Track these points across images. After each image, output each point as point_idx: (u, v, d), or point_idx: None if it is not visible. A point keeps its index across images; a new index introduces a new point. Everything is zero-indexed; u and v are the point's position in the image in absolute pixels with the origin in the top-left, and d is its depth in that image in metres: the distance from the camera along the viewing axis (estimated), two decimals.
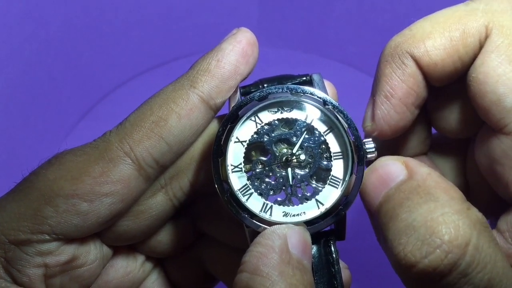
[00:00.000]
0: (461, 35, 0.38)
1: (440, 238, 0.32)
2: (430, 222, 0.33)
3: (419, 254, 0.33)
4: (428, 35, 0.39)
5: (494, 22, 0.37)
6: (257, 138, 0.40)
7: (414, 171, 0.36)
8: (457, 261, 0.32)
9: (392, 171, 0.37)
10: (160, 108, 0.38)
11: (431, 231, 0.33)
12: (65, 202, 0.37)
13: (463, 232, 0.32)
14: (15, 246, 0.37)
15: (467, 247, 0.32)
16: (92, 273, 0.42)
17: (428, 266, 0.32)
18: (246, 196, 0.39)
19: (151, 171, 0.39)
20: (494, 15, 0.37)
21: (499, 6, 0.38)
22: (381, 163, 0.38)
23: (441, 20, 0.39)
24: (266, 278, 0.34)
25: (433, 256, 0.32)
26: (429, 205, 0.34)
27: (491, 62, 0.37)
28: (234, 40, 0.40)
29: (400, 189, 0.36)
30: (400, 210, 0.35)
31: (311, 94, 0.39)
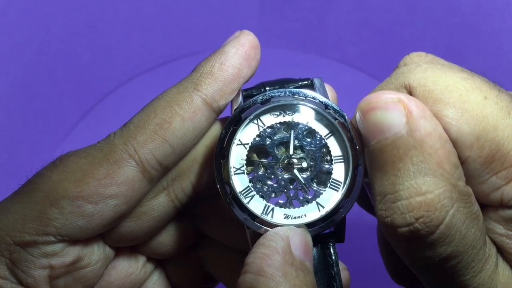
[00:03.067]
0: None
1: (416, 218, 0.35)
2: (413, 199, 0.35)
3: (395, 223, 0.36)
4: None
5: (409, 79, 0.39)
6: (259, 141, 0.40)
7: (415, 127, 0.36)
8: (426, 236, 0.35)
9: (392, 117, 0.36)
10: (164, 110, 0.39)
11: (410, 209, 0.35)
12: (70, 204, 0.37)
13: (440, 214, 0.35)
14: (20, 248, 0.38)
15: (439, 227, 0.35)
16: (95, 274, 0.42)
17: (401, 233, 0.36)
18: (248, 198, 0.40)
19: (155, 173, 0.39)
20: (406, 75, 0.40)
21: (407, 69, 0.41)
22: (381, 102, 0.37)
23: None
24: (270, 279, 0.34)
25: (406, 229, 0.35)
26: (417, 180, 0.35)
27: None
28: (237, 43, 0.40)
29: (395, 144, 0.36)
30: (390, 168, 0.36)
31: (313, 98, 0.39)
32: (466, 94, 0.37)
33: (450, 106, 0.37)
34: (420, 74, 0.39)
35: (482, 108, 0.37)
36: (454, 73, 0.39)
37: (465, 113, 0.37)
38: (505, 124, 0.37)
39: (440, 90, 0.38)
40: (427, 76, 0.39)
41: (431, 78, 0.38)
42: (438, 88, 0.38)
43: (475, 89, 0.37)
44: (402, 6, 0.98)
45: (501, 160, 0.36)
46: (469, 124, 0.36)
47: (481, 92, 0.37)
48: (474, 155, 0.37)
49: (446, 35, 0.92)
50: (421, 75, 0.39)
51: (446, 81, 0.38)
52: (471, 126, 0.36)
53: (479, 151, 0.37)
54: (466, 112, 0.37)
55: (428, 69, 0.39)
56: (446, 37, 0.92)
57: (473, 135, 0.36)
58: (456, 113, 0.37)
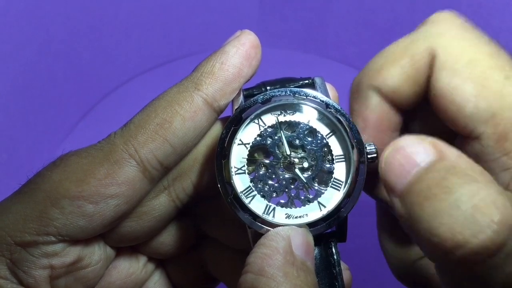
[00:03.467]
0: (409, 61, 0.40)
1: (491, 218, 0.32)
2: (478, 202, 0.32)
3: (469, 234, 0.32)
4: (381, 67, 0.42)
5: (436, 44, 0.39)
6: (260, 140, 0.40)
7: (444, 152, 0.35)
8: (506, 241, 0.32)
9: (420, 150, 0.35)
10: (164, 110, 0.39)
11: (481, 211, 0.32)
12: (71, 204, 0.37)
13: (510, 212, 0.32)
14: (21, 248, 0.38)
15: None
16: (96, 274, 0.42)
17: (478, 245, 0.32)
18: (249, 198, 0.39)
19: (156, 173, 0.39)
20: (434, 38, 0.40)
21: (436, 30, 0.40)
22: (406, 142, 0.36)
23: (390, 52, 0.42)
24: (271, 279, 0.34)
25: (484, 235, 0.31)
26: (471, 186, 0.33)
27: (443, 79, 0.39)
28: (238, 43, 0.40)
29: (433, 169, 0.34)
30: (438, 190, 0.33)
31: (314, 97, 0.39)
32: (489, 71, 0.37)
33: (471, 81, 0.37)
34: (449, 41, 0.39)
35: (502, 86, 0.37)
36: (481, 46, 0.38)
37: (484, 90, 0.37)
38: None
39: (464, 62, 0.38)
40: (455, 44, 0.39)
41: (458, 48, 0.38)
42: (463, 60, 0.38)
43: (498, 67, 0.37)
44: (402, 6, 0.98)
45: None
46: (486, 101, 0.36)
47: (503, 71, 0.37)
48: (488, 131, 0.37)
49: None
50: (449, 42, 0.39)
51: (472, 54, 0.38)
52: (488, 103, 0.36)
53: (493, 128, 0.36)
54: (485, 89, 0.37)
55: (457, 37, 0.39)
56: None
57: (489, 111, 0.36)
58: (475, 88, 0.37)
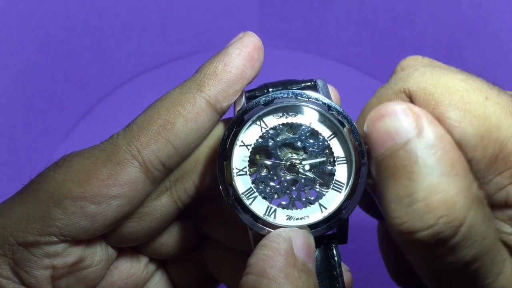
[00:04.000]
0: None
1: (436, 218, 0.34)
2: (431, 201, 0.34)
3: (414, 228, 0.34)
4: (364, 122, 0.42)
5: (408, 84, 0.39)
6: (262, 142, 0.40)
7: (424, 129, 0.36)
8: (448, 239, 0.34)
9: (401, 124, 0.36)
10: (167, 111, 0.39)
11: (429, 210, 0.34)
12: (73, 204, 0.37)
13: (459, 214, 0.34)
14: (23, 248, 0.38)
15: (460, 228, 0.34)
16: (97, 274, 0.42)
17: (420, 238, 0.34)
18: (250, 199, 0.40)
19: (158, 174, 0.39)
20: (404, 80, 0.40)
21: (405, 73, 0.40)
22: (390, 109, 0.37)
23: (369, 106, 0.42)
24: (272, 280, 0.34)
25: (426, 232, 0.34)
26: (432, 179, 0.34)
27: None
28: (241, 45, 0.40)
29: (407, 148, 0.35)
30: (403, 173, 0.35)
31: (316, 99, 0.39)
32: (468, 95, 0.37)
33: (452, 108, 0.37)
34: (419, 78, 0.39)
35: (484, 108, 0.37)
36: (453, 74, 0.39)
37: (467, 114, 0.37)
38: (507, 123, 0.36)
39: (441, 92, 0.38)
40: (426, 79, 0.39)
41: (431, 81, 0.38)
42: (439, 90, 0.38)
43: (476, 89, 0.37)
44: (402, 6, 0.98)
45: (504, 160, 0.36)
46: (472, 125, 0.36)
47: (482, 93, 0.37)
48: (478, 156, 0.37)
49: (446, 35, 0.93)
50: (420, 79, 0.39)
51: (446, 83, 0.38)
52: (475, 127, 0.36)
53: (483, 151, 0.37)
54: (468, 113, 0.37)
55: (426, 72, 0.39)
56: (446, 37, 0.93)
57: (477, 136, 0.36)
58: (459, 114, 0.37)
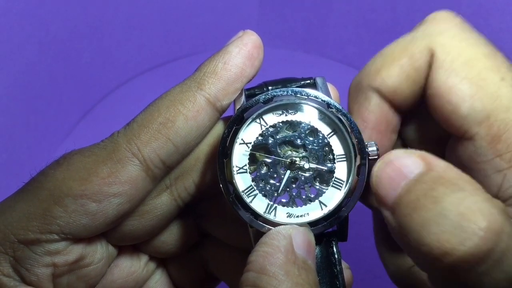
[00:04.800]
0: (408, 61, 0.41)
1: (477, 224, 0.32)
2: (464, 210, 0.33)
3: (456, 241, 0.32)
4: (381, 67, 0.42)
5: (435, 43, 0.39)
6: (262, 140, 0.40)
7: (432, 163, 0.36)
8: (493, 247, 0.32)
9: (408, 163, 0.37)
10: (167, 109, 0.39)
11: (467, 219, 0.32)
12: (74, 202, 0.38)
13: (498, 219, 0.32)
14: (24, 246, 0.38)
15: (502, 234, 0.32)
16: (98, 272, 0.42)
17: (465, 253, 0.32)
18: (250, 197, 0.40)
19: (158, 172, 0.40)
20: (433, 37, 0.40)
21: (435, 29, 0.40)
22: (395, 155, 0.38)
23: (389, 52, 0.42)
24: (272, 277, 0.34)
25: (471, 242, 0.32)
26: (457, 194, 0.34)
27: (440, 77, 0.39)
28: (241, 43, 0.40)
29: (421, 180, 0.35)
30: (426, 200, 0.34)
31: (315, 97, 0.40)
32: (485, 72, 0.38)
33: (467, 81, 0.37)
34: (448, 40, 0.39)
35: (497, 88, 0.37)
36: (479, 47, 0.39)
37: (480, 90, 0.37)
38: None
39: (461, 62, 0.38)
40: (453, 45, 0.39)
41: (457, 48, 0.39)
42: (461, 60, 0.38)
43: (495, 68, 0.38)
44: (402, 6, 0.99)
45: (507, 142, 0.37)
46: (482, 102, 0.37)
47: (499, 72, 0.38)
48: (482, 132, 0.37)
49: None
50: (448, 41, 0.39)
51: (469, 54, 0.38)
52: (484, 104, 0.37)
53: (487, 129, 0.37)
54: (481, 89, 0.37)
55: (456, 36, 0.39)
56: None
57: (484, 112, 0.37)
58: (471, 89, 0.37)
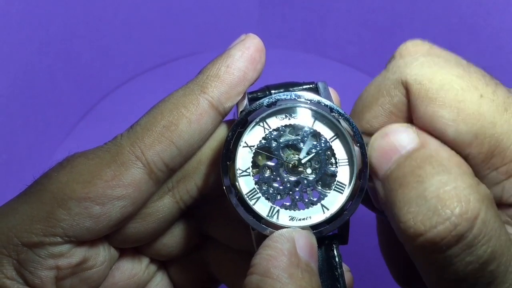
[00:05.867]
0: (386, 99, 0.41)
1: (451, 210, 0.34)
2: (442, 194, 0.34)
3: (429, 224, 0.34)
4: (363, 111, 0.42)
5: (406, 75, 0.39)
6: (265, 143, 0.40)
7: (427, 141, 0.37)
8: (464, 233, 0.34)
9: (403, 137, 0.38)
10: (170, 113, 0.39)
11: (443, 203, 0.34)
12: (78, 205, 0.38)
13: (473, 206, 0.34)
14: (27, 248, 0.38)
15: (476, 221, 0.34)
16: (100, 275, 0.42)
17: (436, 236, 0.34)
18: (253, 200, 0.40)
19: (161, 175, 0.40)
20: (403, 70, 0.40)
21: (404, 62, 0.41)
22: (392, 128, 0.39)
23: (367, 94, 0.42)
24: (276, 280, 0.35)
25: (442, 226, 0.34)
26: (441, 177, 0.35)
27: (419, 108, 0.39)
28: (243, 47, 0.40)
29: (412, 157, 0.36)
30: (412, 178, 0.36)
31: (318, 101, 0.40)
32: (462, 94, 0.38)
33: (446, 106, 0.37)
34: (417, 70, 0.39)
35: (478, 106, 0.37)
36: (450, 69, 0.39)
37: (461, 112, 0.37)
38: (503, 120, 0.37)
39: (436, 89, 0.38)
40: (423, 72, 0.39)
41: (427, 75, 0.39)
42: (434, 87, 0.38)
43: (471, 87, 0.38)
44: (402, 6, 0.99)
45: (501, 155, 0.37)
46: (466, 123, 0.37)
47: (476, 90, 0.38)
48: (474, 152, 0.37)
49: (446, 35, 0.93)
50: (417, 71, 0.39)
51: (442, 79, 0.38)
52: (469, 125, 0.37)
53: (479, 148, 0.37)
54: (462, 111, 0.37)
55: (424, 64, 0.40)
56: (446, 37, 0.93)
57: (471, 133, 0.37)
58: (452, 113, 0.37)
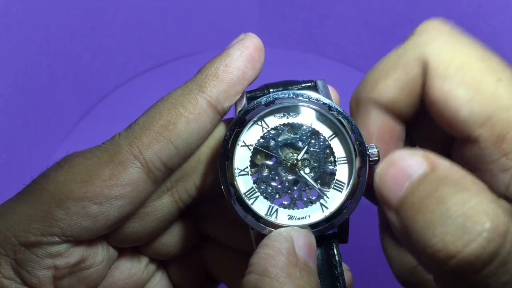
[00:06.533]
0: (402, 72, 0.40)
1: (481, 225, 0.32)
2: (468, 211, 0.32)
3: (460, 243, 0.32)
4: (376, 81, 0.42)
5: (426, 52, 0.39)
6: (263, 142, 0.40)
7: (436, 163, 0.36)
8: (499, 249, 0.32)
9: (412, 163, 0.36)
10: (169, 112, 0.39)
11: (471, 220, 0.32)
12: (76, 205, 0.38)
13: (503, 220, 0.32)
14: (25, 248, 0.38)
15: (507, 235, 0.32)
16: (99, 275, 0.42)
17: (470, 255, 0.32)
18: (252, 199, 0.40)
19: (159, 174, 0.40)
20: (424, 46, 0.40)
21: (426, 38, 0.40)
22: (399, 156, 0.38)
23: (383, 65, 0.42)
24: (274, 279, 0.34)
25: (476, 244, 0.31)
26: (462, 195, 0.33)
27: (435, 85, 0.39)
28: (242, 46, 0.40)
29: (425, 181, 0.35)
30: (430, 201, 0.34)
31: (317, 100, 0.40)
32: (480, 75, 0.37)
33: (463, 85, 0.37)
34: (438, 47, 0.39)
35: (495, 89, 0.37)
36: (471, 51, 0.39)
37: (477, 93, 0.37)
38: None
39: (455, 67, 0.38)
40: (446, 51, 0.39)
41: (449, 54, 0.39)
42: (454, 65, 0.38)
43: (490, 70, 0.38)
44: (402, 6, 0.99)
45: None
46: (480, 104, 0.37)
47: (494, 74, 0.37)
48: (485, 133, 0.37)
49: None
50: (438, 50, 0.39)
51: (463, 59, 0.38)
52: (483, 106, 0.37)
53: (490, 130, 0.37)
54: (478, 93, 0.37)
55: (446, 44, 0.39)
56: None
57: (484, 114, 0.37)
58: (468, 93, 0.37)
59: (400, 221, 0.35)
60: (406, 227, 0.35)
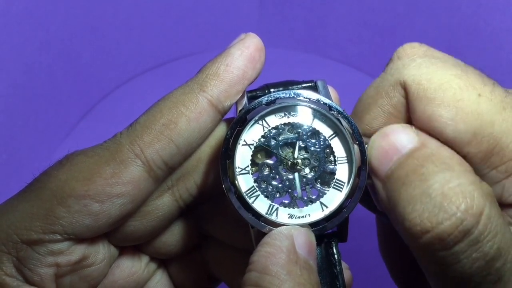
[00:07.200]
0: (385, 100, 0.41)
1: (457, 206, 0.34)
2: (447, 191, 0.34)
3: (435, 220, 0.34)
4: (363, 113, 0.42)
5: (404, 76, 0.40)
6: (264, 141, 0.40)
7: (426, 140, 0.37)
8: (470, 228, 0.34)
9: (403, 137, 0.38)
10: (170, 111, 0.39)
11: (448, 200, 0.34)
12: (77, 203, 0.38)
13: (478, 202, 0.34)
14: (27, 246, 0.38)
15: (481, 216, 0.34)
16: (100, 273, 0.42)
17: (443, 231, 0.34)
18: (252, 198, 0.40)
19: (160, 173, 0.40)
20: (401, 71, 0.40)
21: (402, 63, 0.41)
22: (391, 129, 0.39)
23: (366, 97, 0.42)
24: (275, 277, 0.35)
25: (449, 222, 0.34)
26: (445, 174, 0.35)
27: (418, 108, 0.39)
28: (243, 46, 0.41)
29: (413, 156, 0.37)
30: (414, 176, 0.36)
31: (317, 100, 0.40)
32: (460, 93, 0.38)
33: (444, 105, 0.38)
34: (415, 70, 0.39)
35: (476, 105, 0.37)
36: (448, 69, 0.39)
37: (459, 112, 0.37)
38: (501, 118, 0.37)
39: (434, 89, 0.38)
40: (422, 73, 0.39)
41: (426, 76, 0.39)
42: (432, 86, 0.38)
43: (469, 86, 0.38)
44: (402, 6, 0.99)
45: (500, 154, 0.37)
46: (464, 122, 0.37)
47: (474, 90, 0.38)
48: (473, 150, 0.37)
49: (446, 35, 0.93)
50: (415, 72, 0.39)
51: (440, 79, 0.38)
52: (467, 124, 0.37)
53: (477, 146, 0.37)
54: (460, 110, 0.37)
55: (422, 65, 0.40)
56: (446, 37, 0.93)
57: (469, 132, 0.37)
58: (450, 112, 0.37)
59: (386, 192, 0.38)
60: (390, 199, 0.37)
